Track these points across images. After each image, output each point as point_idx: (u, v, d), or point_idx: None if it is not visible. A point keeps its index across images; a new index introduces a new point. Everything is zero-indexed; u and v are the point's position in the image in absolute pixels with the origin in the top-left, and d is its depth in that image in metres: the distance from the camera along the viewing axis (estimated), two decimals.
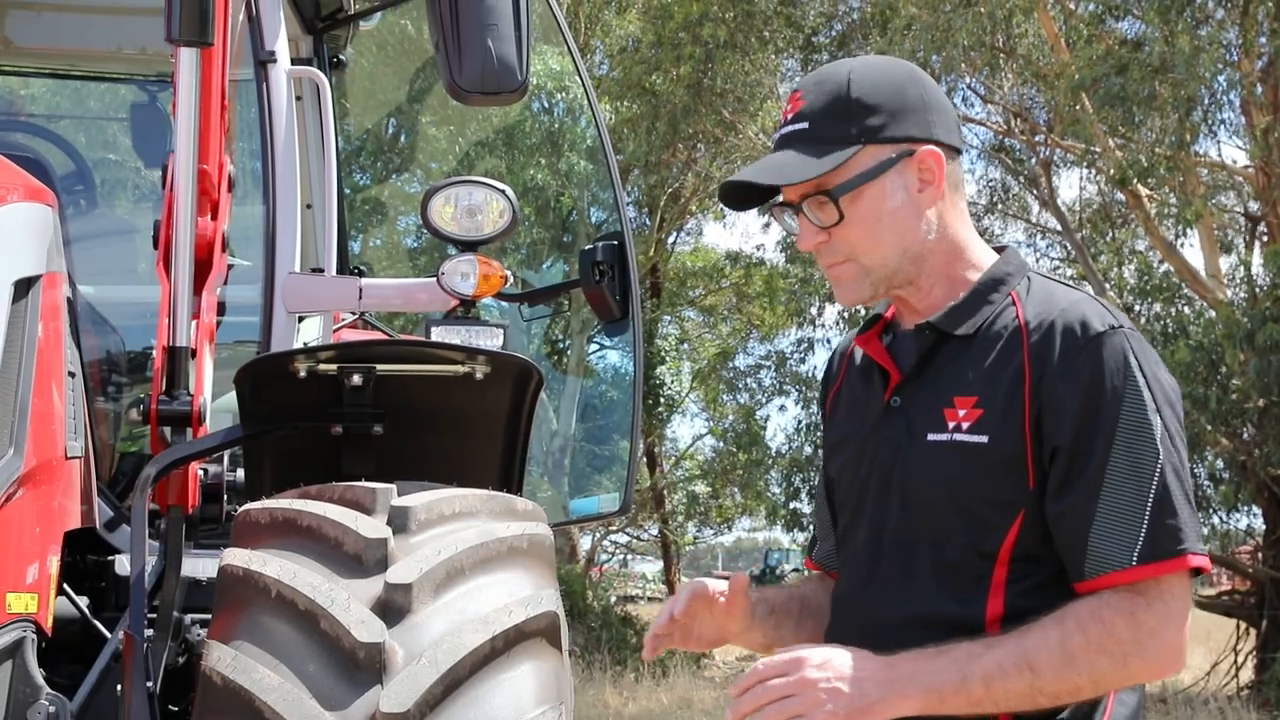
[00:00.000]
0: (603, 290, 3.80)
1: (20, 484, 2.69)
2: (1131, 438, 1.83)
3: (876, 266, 1.96)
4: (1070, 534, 1.84)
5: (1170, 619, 1.83)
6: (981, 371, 1.90)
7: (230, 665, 2.56)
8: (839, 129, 1.93)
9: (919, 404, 1.94)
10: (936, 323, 1.95)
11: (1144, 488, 1.82)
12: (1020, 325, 1.90)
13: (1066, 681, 1.79)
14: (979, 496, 1.87)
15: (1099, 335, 1.86)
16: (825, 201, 1.94)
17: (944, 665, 1.78)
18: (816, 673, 1.76)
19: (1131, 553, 1.81)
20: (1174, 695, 13.06)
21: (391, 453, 3.21)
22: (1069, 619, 1.80)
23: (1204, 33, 11.85)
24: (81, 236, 4.51)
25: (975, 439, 1.87)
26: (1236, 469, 12.63)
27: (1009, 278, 1.96)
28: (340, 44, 4.97)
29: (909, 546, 1.92)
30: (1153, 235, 14.23)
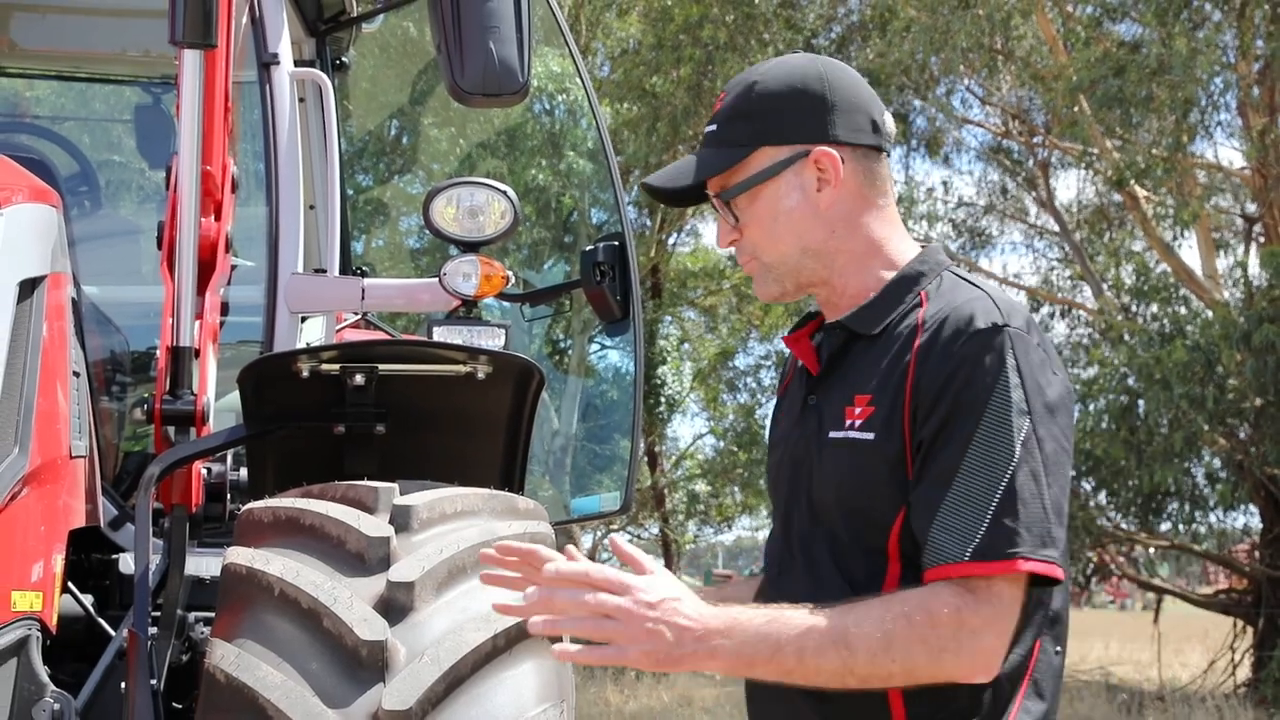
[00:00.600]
0: (604, 291, 3.81)
1: (25, 483, 2.71)
2: (991, 436, 1.82)
3: (776, 265, 1.99)
4: (919, 523, 1.84)
5: (993, 622, 1.79)
6: (878, 370, 1.91)
7: (234, 663, 2.57)
8: (739, 130, 1.97)
9: (828, 402, 1.96)
10: (846, 322, 1.97)
11: (993, 486, 1.80)
12: (918, 323, 1.91)
13: (880, 666, 1.77)
14: (865, 493, 1.88)
15: (979, 332, 1.85)
16: (726, 202, 2.00)
17: (761, 631, 1.76)
18: (644, 609, 1.72)
19: (966, 548, 1.79)
20: (1171, 693, 13.08)
21: (394, 452, 3.22)
22: (896, 604, 1.79)
23: (1201, 35, 11.87)
24: (86, 237, 4.53)
25: (864, 436, 1.89)
26: (1233, 468, 12.65)
27: (922, 276, 1.97)
28: (343, 46, 4.99)
29: (812, 544, 1.94)
30: (1150, 236, 14.25)
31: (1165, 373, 11.18)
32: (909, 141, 15.75)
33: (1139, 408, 12.15)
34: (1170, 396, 11.17)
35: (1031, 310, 16.36)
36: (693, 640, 1.74)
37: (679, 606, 1.74)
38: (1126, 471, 12.19)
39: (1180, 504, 13.23)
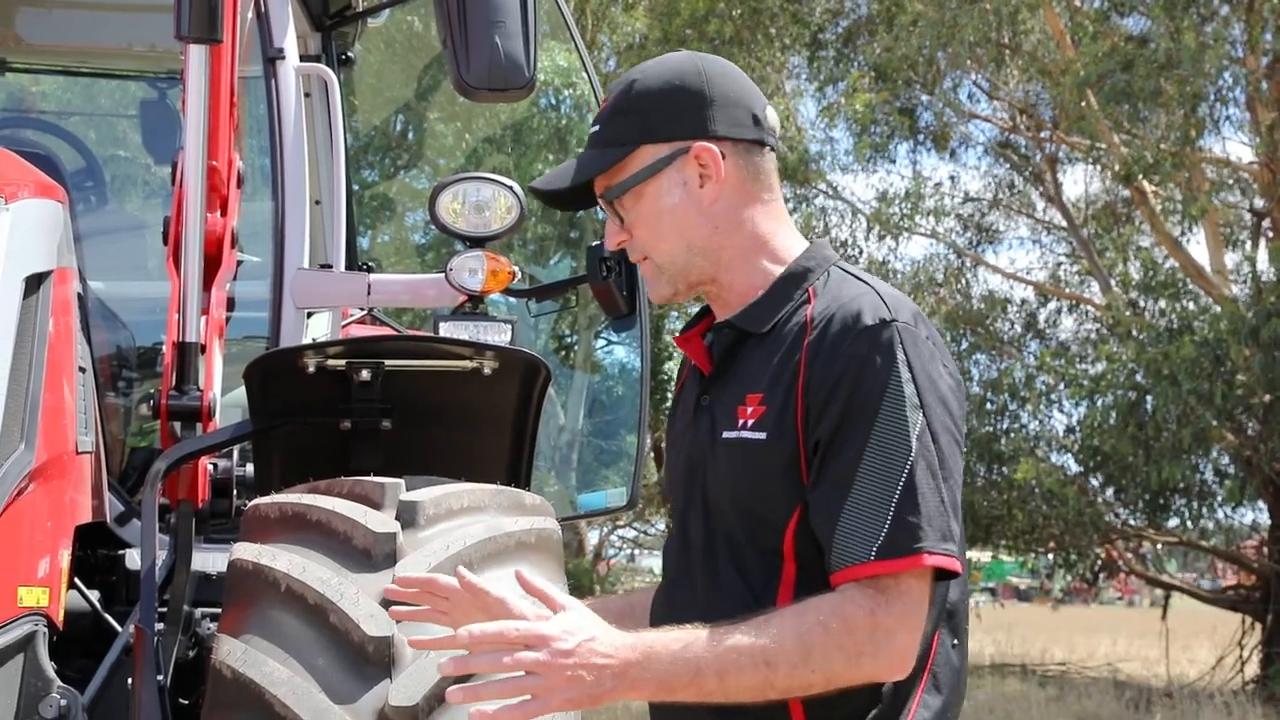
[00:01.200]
0: (610, 286, 3.80)
1: (31, 479, 2.71)
2: (887, 432, 1.81)
3: (666, 264, 1.97)
4: (821, 525, 1.82)
5: (906, 620, 1.79)
6: (769, 369, 1.89)
7: (240, 659, 2.57)
8: (619, 129, 1.96)
9: (720, 402, 1.94)
10: (734, 321, 1.96)
11: (892, 483, 1.79)
12: (807, 320, 1.89)
13: (800, 678, 1.76)
14: (759, 494, 1.87)
15: (868, 328, 1.84)
16: (611, 201, 1.98)
17: (678, 656, 1.74)
18: (561, 658, 1.70)
19: (870, 548, 1.78)
20: (1179, 690, 13.07)
21: (400, 448, 3.22)
22: (810, 613, 1.77)
23: (1209, 29, 11.83)
24: (92, 232, 4.52)
25: (756, 436, 1.87)
26: (1241, 464, 12.63)
27: (809, 272, 1.95)
28: (348, 41, 4.98)
29: (708, 545, 1.92)
30: (1158, 231, 14.22)
31: (1173, 368, 11.16)
32: (916, 136, 15.72)
33: (1147, 403, 12.13)
34: (1178, 392, 11.15)
35: (1039, 306, 16.42)
36: (611, 677, 1.73)
37: (594, 646, 1.73)
38: (1134, 468, 12.18)
39: (1188, 500, 13.22)
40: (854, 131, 15.16)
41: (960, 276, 16.79)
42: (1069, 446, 13.86)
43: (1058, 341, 15.77)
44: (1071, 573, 16.21)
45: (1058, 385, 13.43)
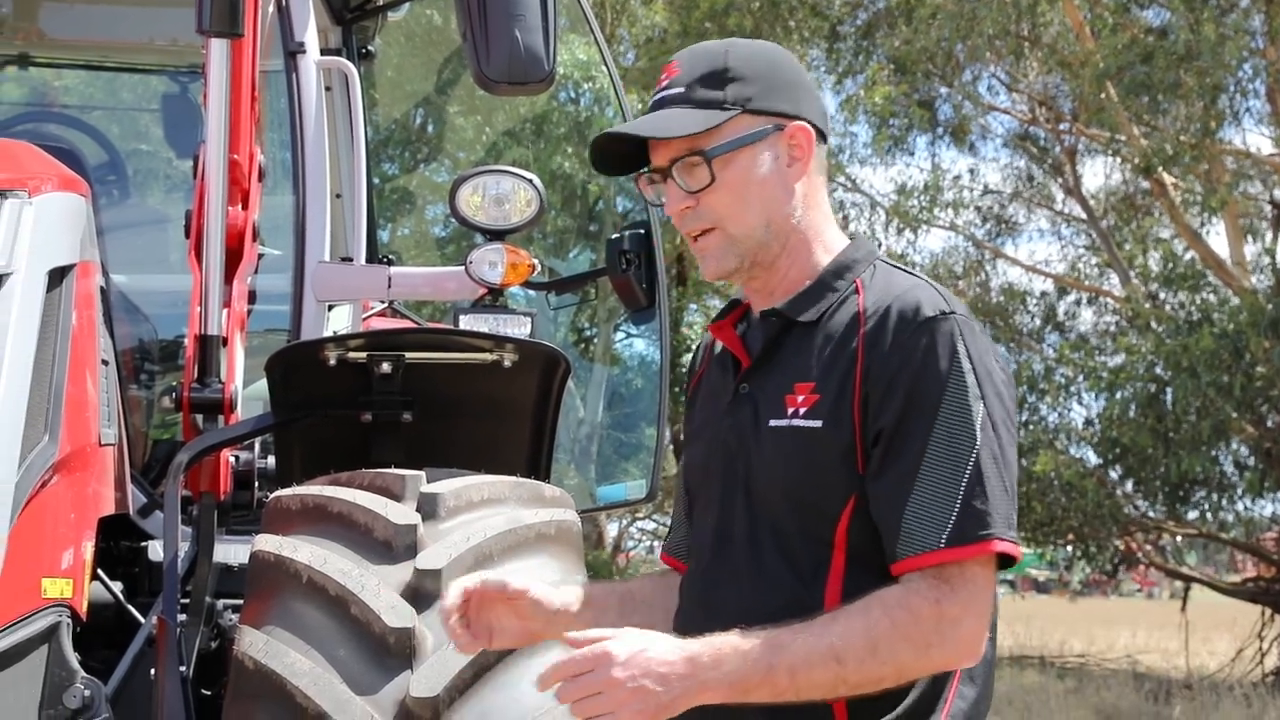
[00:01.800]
0: (629, 278, 3.80)
1: (55, 470, 2.72)
2: (951, 422, 1.82)
3: (742, 237, 1.95)
4: (885, 515, 1.83)
5: (972, 608, 1.80)
6: (821, 358, 1.90)
7: (262, 650, 2.59)
8: (714, 94, 1.94)
9: (764, 390, 1.94)
10: (782, 309, 1.95)
11: (959, 472, 1.81)
12: (859, 312, 1.90)
13: (870, 671, 1.77)
14: (812, 482, 1.87)
15: (929, 320, 1.85)
16: (698, 163, 1.93)
17: (750, 655, 1.76)
18: (621, 671, 1.72)
19: (939, 535, 1.79)
20: (1199, 681, 13.02)
21: (420, 440, 3.23)
22: (875, 607, 1.78)
23: (1229, 20, 11.76)
24: (114, 226, 4.54)
25: (810, 424, 1.87)
26: (1261, 456, 12.57)
27: (855, 265, 1.96)
28: (369, 35, 4.99)
29: (752, 534, 1.91)
30: (1177, 223, 14.15)
31: (1193, 360, 11.10)
32: (935, 129, 15.67)
33: (1166, 395, 12.08)
34: (1198, 384, 11.10)
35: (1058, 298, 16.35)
36: (680, 680, 1.74)
37: (650, 655, 1.74)
38: (1154, 460, 12.13)
39: (1208, 492, 13.15)
40: (873, 124, 15.11)
41: (979, 269, 16.74)
42: (1088, 439, 13.80)
43: (1077, 334, 15.71)
44: (1091, 565, 16.15)
45: (1077, 377, 13.37)
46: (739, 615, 1.84)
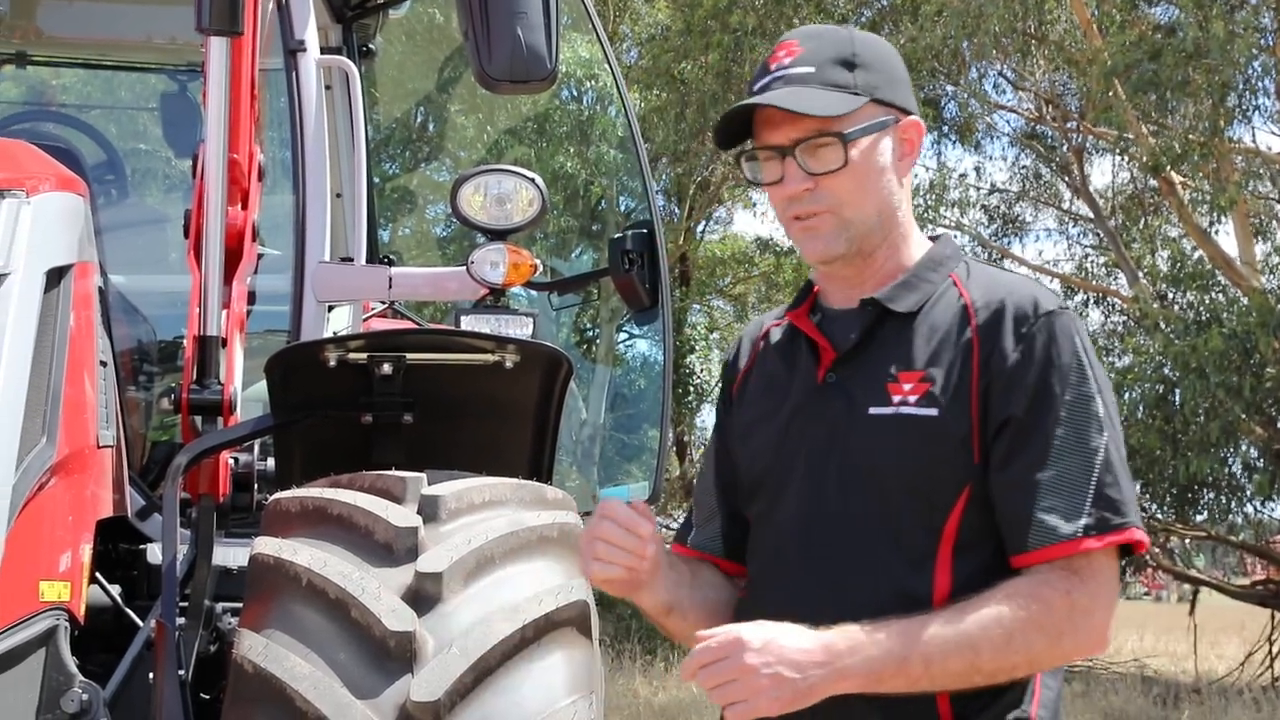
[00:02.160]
0: (632, 279, 3.79)
1: (53, 473, 2.71)
2: (1078, 413, 1.87)
3: (857, 222, 1.96)
4: (1015, 506, 1.86)
5: (1101, 597, 1.85)
6: (926, 348, 1.92)
7: (261, 654, 2.57)
8: (846, 78, 1.95)
9: (859, 379, 1.94)
10: (881, 298, 1.97)
11: (1089, 462, 1.85)
12: (966, 305, 1.93)
13: (1004, 660, 1.81)
14: (927, 471, 1.88)
15: (1050, 314, 1.90)
16: (831, 145, 1.93)
17: (883, 644, 1.79)
18: (757, 658, 1.75)
19: (1075, 526, 1.83)
20: (1208, 685, 12.98)
21: (421, 441, 3.21)
22: (1008, 597, 1.81)
23: (1239, 18, 11.72)
24: (113, 226, 4.53)
25: (924, 412, 1.89)
26: (1271, 458, 12.51)
27: (947, 260, 2.01)
28: (369, 33, 4.97)
29: (854, 523, 1.91)
30: (1186, 222, 14.10)
31: (1201, 361, 11.06)
32: (941, 127, 15.63)
33: (1175, 396, 12.03)
34: (1207, 385, 11.05)
35: (1066, 298, 16.31)
36: (816, 667, 1.77)
37: (784, 643, 1.77)
38: (1162, 461, 12.08)
39: (1217, 494, 13.11)
40: None
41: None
42: None
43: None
44: None
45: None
46: (843, 604, 1.85)
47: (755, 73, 2.01)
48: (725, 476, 2.10)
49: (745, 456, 2.05)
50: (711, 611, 2.03)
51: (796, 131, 1.94)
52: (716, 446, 2.15)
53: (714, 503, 2.12)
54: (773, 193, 1.99)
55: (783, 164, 1.95)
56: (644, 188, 4.49)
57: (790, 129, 1.94)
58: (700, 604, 2.04)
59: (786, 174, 1.96)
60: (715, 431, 2.17)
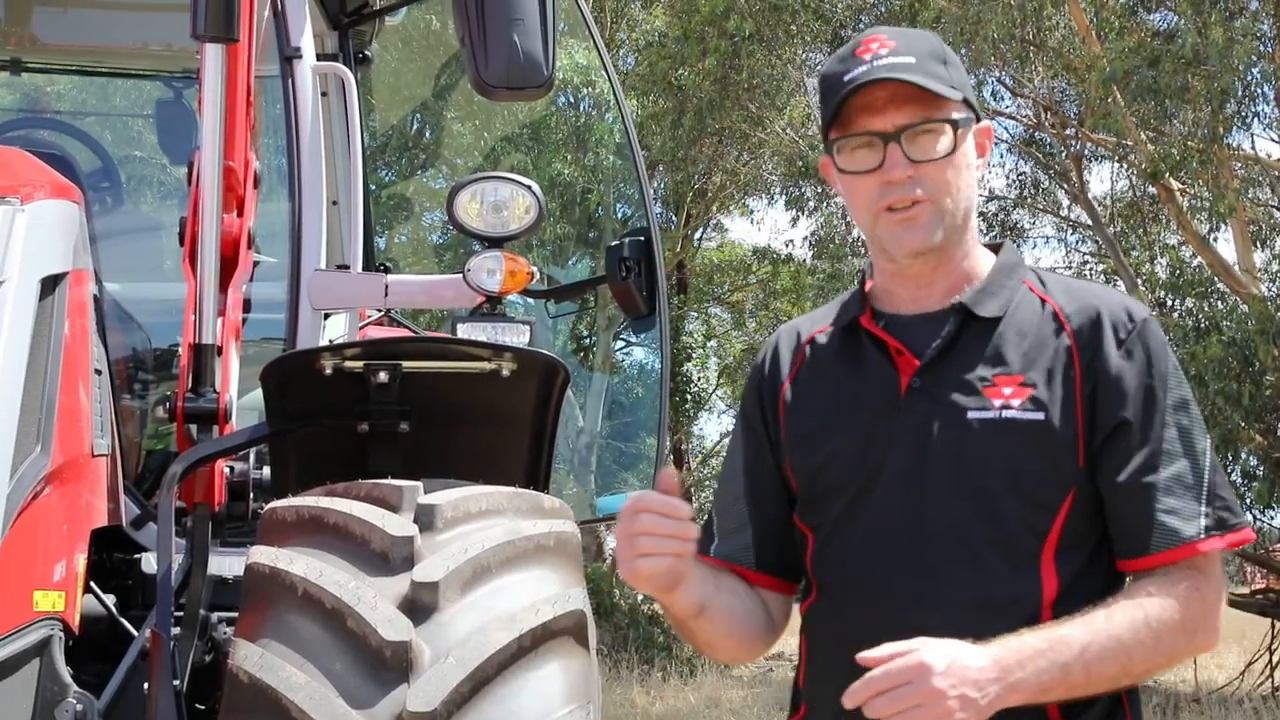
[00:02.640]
0: (629, 286, 3.79)
1: (47, 482, 2.70)
2: (1182, 416, 1.92)
3: (951, 212, 1.96)
4: (1133, 509, 1.88)
5: (1220, 593, 1.91)
6: (1019, 352, 1.92)
7: (257, 664, 2.55)
8: (944, 74, 1.96)
9: (951, 384, 1.93)
10: (967, 302, 1.96)
11: (1199, 466, 1.90)
12: (1055, 311, 1.95)
13: (1152, 660, 1.85)
14: (1035, 473, 1.89)
15: (1146, 320, 1.96)
16: (938, 131, 1.93)
17: (1048, 654, 1.79)
18: (944, 681, 1.73)
19: (1198, 527, 1.87)
20: (1208, 695, 12.96)
21: (418, 450, 3.20)
22: (1148, 599, 1.85)
23: (1238, 24, 11.73)
24: (108, 233, 4.52)
25: (1030, 416, 1.89)
26: (1270, 466, 12.51)
27: (1017, 267, 2.02)
28: (365, 39, 4.97)
29: (959, 529, 1.90)
30: (1185, 230, 14.11)
31: (1201, 369, 11.06)
32: None
33: None
34: (1206, 393, 11.05)
35: None
36: (993, 684, 1.77)
37: (965, 662, 1.76)
38: None
39: None
40: None
41: None
42: None
43: None
44: None
45: None
46: (947, 608, 1.85)
47: (835, 66, 1.97)
48: (760, 488, 2.08)
49: (807, 466, 2.02)
50: (735, 618, 2.02)
51: (902, 118, 1.93)
52: (748, 458, 2.10)
53: (743, 514, 2.09)
54: (864, 182, 1.95)
55: (884, 150, 1.93)
56: (641, 195, 4.49)
57: (895, 114, 1.93)
58: (725, 609, 2.02)
59: (888, 159, 1.93)
60: (744, 443, 2.12)
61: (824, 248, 17.22)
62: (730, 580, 2.07)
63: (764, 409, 2.09)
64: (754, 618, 2.05)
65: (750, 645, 2.07)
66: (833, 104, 1.94)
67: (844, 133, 1.95)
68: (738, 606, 2.04)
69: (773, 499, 2.07)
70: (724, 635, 2.02)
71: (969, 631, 1.80)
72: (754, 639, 2.06)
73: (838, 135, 1.96)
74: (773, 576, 2.07)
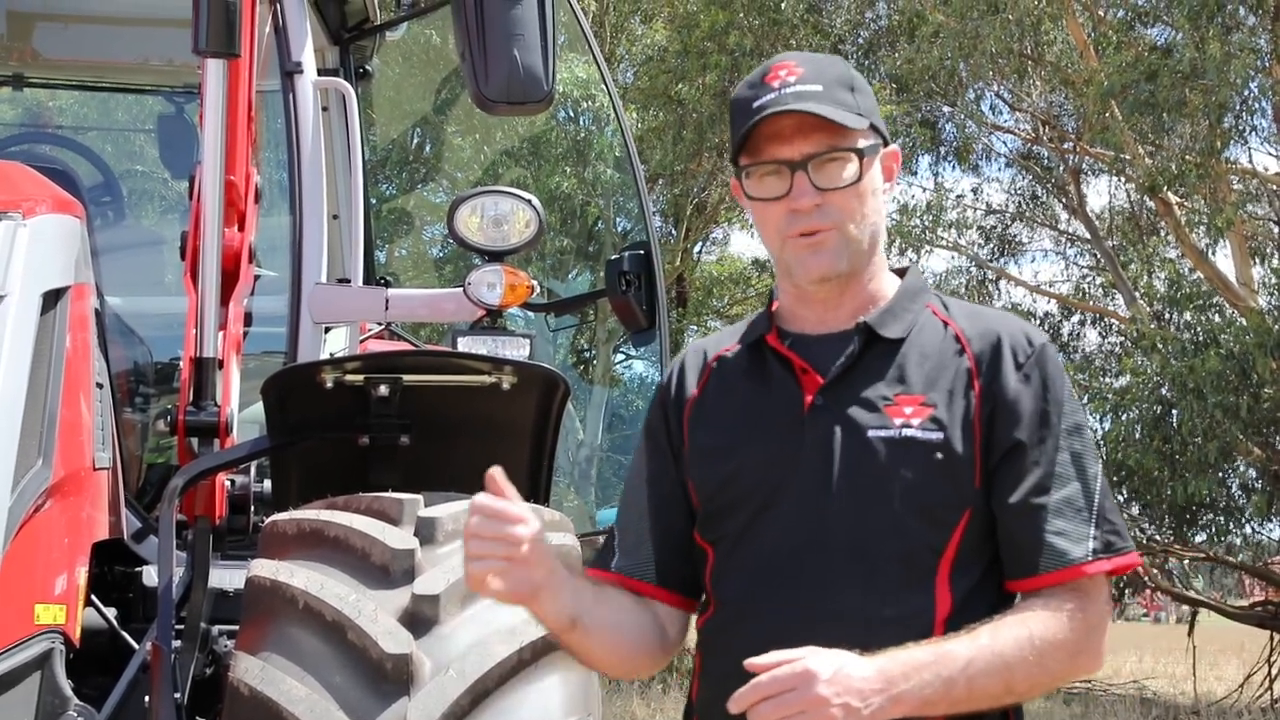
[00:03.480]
0: (629, 300, 3.79)
1: (49, 495, 2.70)
2: (1075, 441, 1.94)
3: (857, 239, 1.98)
4: (1023, 530, 1.91)
5: (1105, 616, 1.92)
6: (921, 373, 1.95)
7: (258, 676, 2.56)
8: (851, 101, 1.97)
9: (853, 402, 1.95)
10: (871, 323, 1.98)
11: (1090, 489, 1.93)
12: (957, 334, 1.98)
13: (1035, 679, 1.86)
14: (934, 492, 1.91)
15: (1044, 346, 1.98)
16: (844, 160, 1.95)
17: (933, 667, 1.80)
18: (827, 689, 1.74)
19: (1085, 549, 1.90)
20: (1207, 707, 12.94)
21: (418, 463, 3.20)
22: (1033, 618, 1.86)
23: (1235, 39, 11.75)
24: (109, 248, 4.53)
25: (930, 436, 1.91)
26: (1269, 478, 12.50)
27: (922, 291, 2.05)
28: (366, 54, 4.98)
29: (857, 545, 1.91)
30: (1183, 243, 14.12)
31: (1199, 382, 11.06)
32: (938, 148, 15.67)
33: (1172, 417, 12.02)
34: (1204, 406, 11.05)
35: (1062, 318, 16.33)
36: (877, 695, 1.77)
37: (849, 670, 1.77)
38: (1160, 482, 12.07)
39: (1215, 515, 13.09)
40: None
41: (982, 289, 16.72)
42: None
43: (1082, 355, 15.68)
44: None
45: (1082, 399, 13.34)
46: (842, 622, 1.86)
47: (744, 91, 2.00)
48: (663, 502, 2.07)
49: (710, 482, 2.02)
50: (618, 632, 2.00)
51: (809, 146, 1.95)
52: (652, 473, 2.09)
53: (644, 529, 2.08)
54: (772, 209, 1.97)
55: (792, 178, 1.95)
56: (641, 209, 4.49)
57: (803, 143, 1.95)
58: (605, 623, 1.98)
59: (795, 187, 1.95)
60: (648, 458, 2.10)
61: None
62: (619, 595, 2.05)
63: (669, 424, 2.09)
64: (641, 633, 2.03)
65: (636, 661, 2.05)
66: (741, 131, 1.97)
67: (753, 160, 1.97)
68: (623, 621, 2.01)
69: (675, 514, 2.06)
70: (603, 650, 1.99)
71: (862, 647, 1.80)
72: (640, 655, 2.04)
73: (747, 162, 1.98)
74: (672, 592, 2.06)
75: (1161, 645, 19.75)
